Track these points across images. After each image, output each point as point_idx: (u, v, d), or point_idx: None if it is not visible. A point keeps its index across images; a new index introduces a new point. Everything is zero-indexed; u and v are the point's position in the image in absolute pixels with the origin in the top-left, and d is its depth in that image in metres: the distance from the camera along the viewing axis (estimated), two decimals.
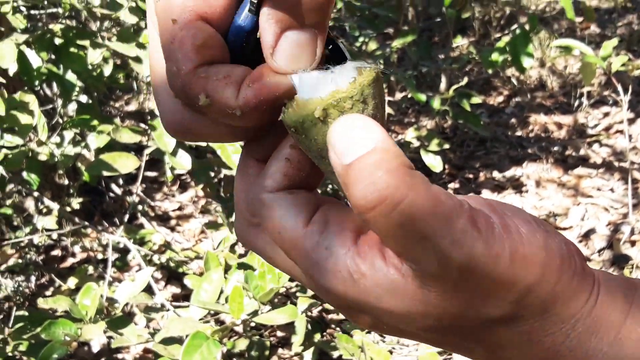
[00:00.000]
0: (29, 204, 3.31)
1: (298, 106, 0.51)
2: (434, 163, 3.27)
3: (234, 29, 0.53)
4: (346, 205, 0.52)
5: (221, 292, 2.15)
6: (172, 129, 0.56)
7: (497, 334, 0.51)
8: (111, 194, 3.59)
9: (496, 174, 4.00)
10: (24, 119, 2.24)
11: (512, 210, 0.51)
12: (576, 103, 4.47)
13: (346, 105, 0.50)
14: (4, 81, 2.15)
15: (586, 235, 3.44)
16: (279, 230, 0.53)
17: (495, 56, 3.35)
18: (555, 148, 4.16)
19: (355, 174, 0.46)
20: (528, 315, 0.50)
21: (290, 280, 2.23)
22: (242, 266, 2.30)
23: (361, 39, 3.91)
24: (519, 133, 4.37)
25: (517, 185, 3.89)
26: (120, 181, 3.63)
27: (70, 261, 3.44)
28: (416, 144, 3.36)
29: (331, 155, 0.48)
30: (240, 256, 2.76)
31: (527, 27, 3.27)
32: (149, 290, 2.29)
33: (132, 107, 4.53)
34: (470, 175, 4.01)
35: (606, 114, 4.40)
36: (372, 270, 0.49)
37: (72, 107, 3.09)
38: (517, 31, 3.26)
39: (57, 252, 3.48)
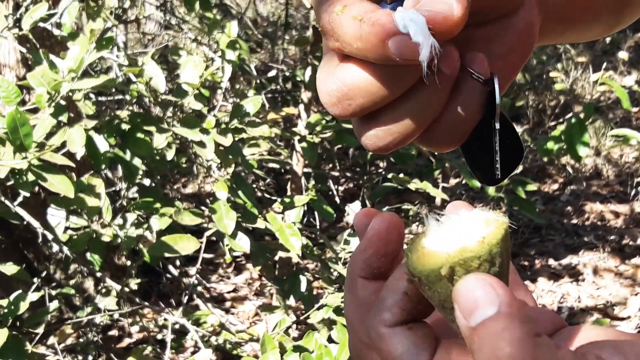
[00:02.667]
0: (88, 284, 3.37)
1: (424, 256, 0.50)
2: None
3: None
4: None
5: None
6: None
7: None
8: (168, 275, 3.64)
9: (552, 262, 3.97)
10: (91, 201, 2.31)
11: None
12: (633, 192, 4.44)
13: (473, 265, 0.49)
14: (72, 165, 2.23)
15: None
16: None
17: (550, 144, 3.37)
18: (612, 237, 4.12)
19: (479, 341, 0.46)
20: None
21: None
22: (298, 349, 2.31)
23: None
24: (574, 221, 4.35)
25: (573, 274, 3.86)
26: (177, 262, 3.69)
27: (126, 341, 3.47)
28: None
29: (457, 313, 0.48)
30: (295, 339, 2.76)
31: (582, 116, 3.29)
32: None
33: (189, 189, 4.62)
34: (526, 263, 3.98)
35: None
36: None
37: (133, 190, 3.18)
38: (573, 120, 3.28)
39: (114, 332, 3.52)
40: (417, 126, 0.57)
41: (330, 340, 2.22)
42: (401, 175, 3.30)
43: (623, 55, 4.81)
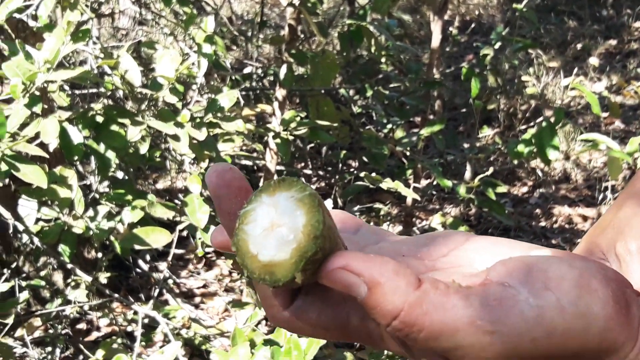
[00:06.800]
0: (57, 277, 3.36)
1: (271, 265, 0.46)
2: None
3: None
4: None
5: None
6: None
7: None
8: (138, 270, 3.64)
9: None
10: (63, 192, 2.31)
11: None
12: (600, 196, 4.50)
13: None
14: (46, 156, 2.22)
15: None
16: None
17: (521, 148, 3.40)
18: (579, 240, 4.17)
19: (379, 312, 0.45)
20: None
21: (317, 357, 2.25)
22: (268, 342, 2.33)
23: (389, 126, 4.00)
24: (543, 223, 4.40)
25: None
26: (148, 257, 3.69)
27: (94, 335, 3.47)
28: (441, 230, 3.38)
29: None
30: (266, 333, 2.77)
31: (552, 120, 3.33)
32: None
33: (161, 185, 4.61)
34: None
35: None
36: None
37: (104, 184, 3.17)
38: (543, 124, 3.32)
39: (82, 326, 3.51)
40: None
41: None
42: (373, 174, 3.32)
43: (594, 61, 4.88)
